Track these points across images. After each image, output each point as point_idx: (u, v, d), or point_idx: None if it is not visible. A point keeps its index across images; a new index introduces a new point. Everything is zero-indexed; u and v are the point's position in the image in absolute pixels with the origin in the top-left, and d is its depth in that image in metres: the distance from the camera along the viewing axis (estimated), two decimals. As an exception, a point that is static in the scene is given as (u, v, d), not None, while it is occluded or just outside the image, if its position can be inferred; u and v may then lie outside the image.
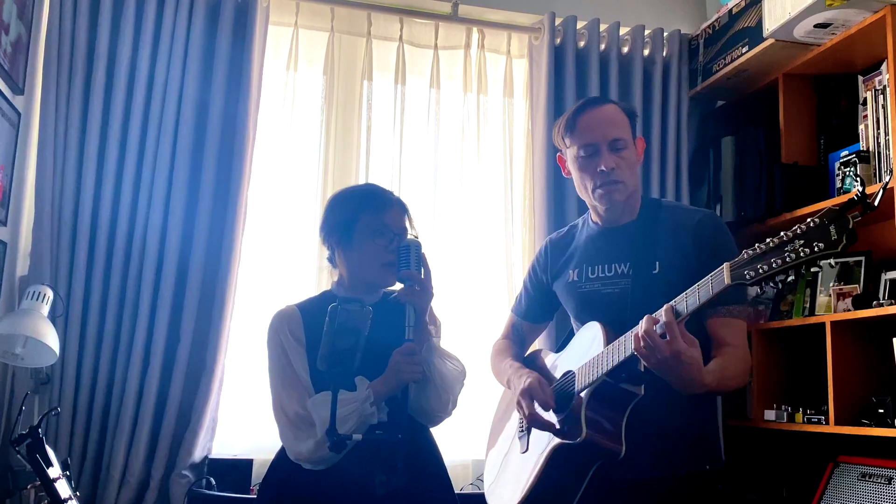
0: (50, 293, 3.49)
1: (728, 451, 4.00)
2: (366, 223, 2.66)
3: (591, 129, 2.72)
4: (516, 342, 3.15)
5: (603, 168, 2.68)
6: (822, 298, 3.92)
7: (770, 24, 3.89)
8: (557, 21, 4.53)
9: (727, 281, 2.15)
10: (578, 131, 2.74)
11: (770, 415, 3.96)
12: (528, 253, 4.38)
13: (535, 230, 4.35)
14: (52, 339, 3.37)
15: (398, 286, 2.66)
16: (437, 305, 2.76)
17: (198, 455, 3.85)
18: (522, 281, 3.19)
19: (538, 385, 2.71)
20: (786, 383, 4.12)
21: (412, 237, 2.68)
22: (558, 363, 2.86)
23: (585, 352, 2.65)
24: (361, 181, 4.28)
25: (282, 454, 2.65)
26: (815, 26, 3.75)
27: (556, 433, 2.63)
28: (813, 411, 3.82)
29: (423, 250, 2.64)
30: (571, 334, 2.91)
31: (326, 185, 4.28)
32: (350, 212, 2.70)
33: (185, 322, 3.89)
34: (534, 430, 2.76)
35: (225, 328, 3.91)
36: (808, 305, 4.00)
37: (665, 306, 2.31)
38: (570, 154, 2.79)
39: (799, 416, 3.85)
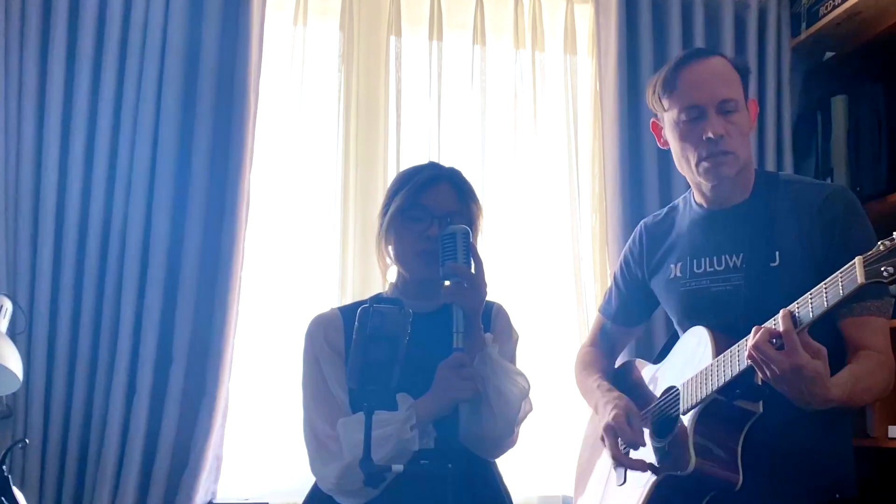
0: (8, 304, 3.42)
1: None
2: (399, 205, 2.73)
3: (696, 88, 2.71)
4: (605, 351, 3.21)
5: (710, 135, 2.66)
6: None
7: (891, -46, 3.91)
8: (629, -44, 4.63)
9: (860, 280, 2.13)
10: (680, 90, 2.73)
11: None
12: (598, 243, 4.36)
13: (606, 215, 4.31)
14: (13, 361, 3.28)
15: None
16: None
17: (199, 500, 3.83)
18: (613, 276, 3.25)
19: (625, 420, 2.75)
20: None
21: (460, 225, 2.66)
22: (658, 376, 2.90)
23: (691, 363, 2.67)
24: (391, 159, 4.24)
25: (315, 493, 2.68)
26: (949, -44, 3.80)
27: (656, 468, 2.65)
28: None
29: (473, 239, 2.66)
30: (673, 340, 2.93)
31: (348, 165, 4.21)
32: (390, 193, 2.80)
33: (178, 337, 3.83)
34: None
35: (227, 345, 3.85)
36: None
37: (782, 312, 2.31)
38: (668, 119, 2.79)
39: (933, 434, 3.89)
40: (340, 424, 2.52)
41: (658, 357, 2.98)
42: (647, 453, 2.73)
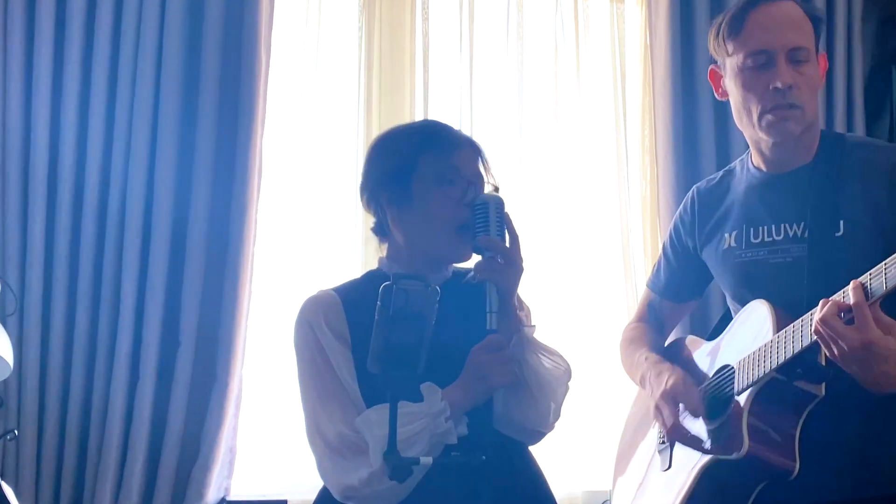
0: (-4, 284, 3.49)
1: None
2: (428, 168, 2.55)
3: (766, 31, 2.62)
4: (654, 326, 3.10)
5: (778, 84, 2.57)
6: None
7: None
8: None
9: None
10: (748, 32, 2.63)
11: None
12: (648, 212, 4.31)
13: (657, 181, 4.26)
14: (2, 345, 3.29)
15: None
16: (525, 288, 2.64)
17: (211, 497, 3.81)
18: (662, 247, 3.15)
19: (683, 386, 2.67)
20: None
21: (491, 192, 2.59)
22: (711, 355, 2.80)
23: (748, 340, 2.59)
24: (417, 115, 4.19)
25: (324, 495, 2.55)
26: None
27: (708, 450, 2.57)
28: None
29: (507, 209, 2.57)
30: (728, 317, 2.85)
31: (370, 126, 4.15)
32: (406, 155, 2.58)
33: (185, 319, 3.80)
34: (678, 443, 2.78)
35: (240, 326, 3.84)
36: None
37: (853, 284, 2.24)
38: (731, 65, 2.69)
39: None
40: (360, 421, 2.38)
41: (711, 334, 2.90)
42: (701, 430, 2.66)
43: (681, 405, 2.69)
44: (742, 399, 2.52)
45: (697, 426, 2.65)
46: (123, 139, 3.83)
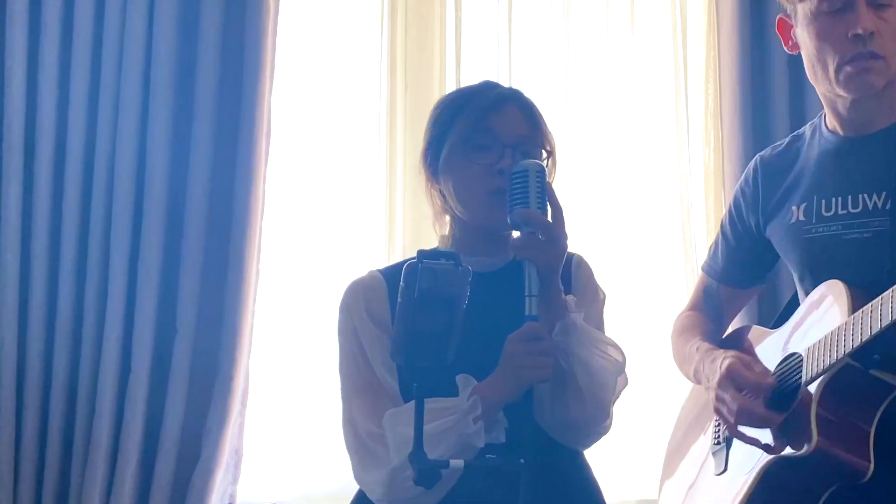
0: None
1: None
2: (460, 133, 2.58)
3: None
4: (711, 315, 3.09)
5: (858, 31, 2.57)
6: None
7: None
8: None
9: None
10: None
11: None
12: (712, 183, 4.24)
13: (723, 148, 4.22)
14: None
15: None
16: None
17: None
18: (720, 224, 3.13)
19: (742, 365, 2.66)
20: None
21: (532, 161, 2.54)
22: (776, 344, 2.79)
23: (818, 325, 2.59)
24: (449, 79, 4.20)
25: (360, 499, 2.61)
26: None
27: (771, 447, 2.57)
28: None
29: (550, 178, 2.58)
30: (795, 303, 2.85)
31: (394, 87, 4.18)
32: (444, 120, 2.65)
33: (183, 303, 3.82)
34: (735, 442, 2.73)
35: (245, 312, 3.85)
36: None
37: None
38: (802, 11, 2.69)
39: None
40: (388, 417, 2.45)
41: (776, 322, 2.92)
42: (759, 432, 2.64)
43: (741, 389, 2.65)
44: (810, 389, 2.51)
45: (763, 414, 2.60)
46: (110, 96, 3.84)
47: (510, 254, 2.60)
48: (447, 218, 2.69)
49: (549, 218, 2.48)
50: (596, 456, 2.74)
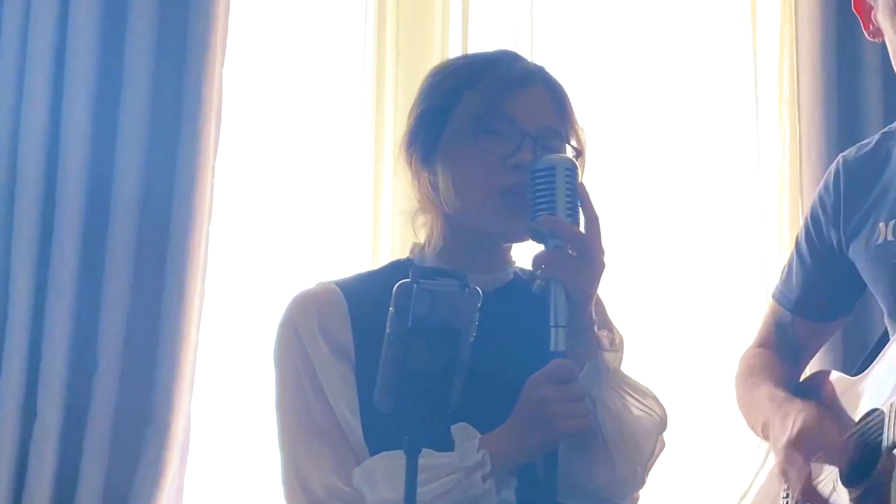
0: None
1: None
2: (470, 106, 2.53)
3: None
4: (784, 354, 3.08)
5: None
6: None
7: None
8: None
9: None
10: None
11: None
12: (787, 188, 4.24)
13: (800, 143, 4.23)
14: None
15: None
16: (605, 294, 2.59)
17: None
18: (795, 240, 3.12)
19: (819, 428, 2.66)
20: None
21: (560, 156, 2.51)
22: (858, 394, 2.81)
23: None
24: (452, 47, 4.20)
25: None
26: None
27: None
28: None
29: (582, 178, 2.51)
30: (883, 341, 2.87)
31: (382, 55, 4.17)
32: (449, 88, 2.60)
33: (106, 328, 3.72)
34: None
35: (187, 341, 3.77)
36: None
37: None
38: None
39: None
40: (360, 475, 2.37)
41: (861, 366, 2.88)
42: (842, 497, 2.64)
43: (816, 453, 2.65)
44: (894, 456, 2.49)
45: (838, 490, 2.66)
46: (11, 55, 3.79)
47: (510, 270, 2.64)
48: (430, 217, 2.63)
49: (582, 228, 2.45)
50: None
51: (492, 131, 2.50)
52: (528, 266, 2.56)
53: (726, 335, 4.17)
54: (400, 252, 3.78)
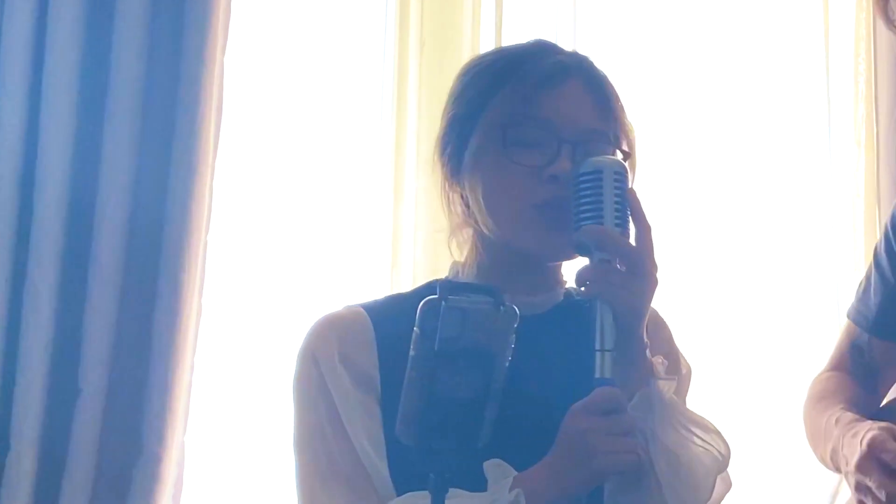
0: None
1: None
2: (498, 113, 2.50)
3: None
4: (859, 378, 3.12)
5: None
6: None
7: None
8: None
9: None
10: None
11: None
12: (863, 196, 4.25)
13: (878, 147, 4.22)
14: None
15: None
16: (662, 307, 2.57)
17: None
18: (872, 253, 3.13)
19: (889, 437, 2.65)
20: None
21: (607, 157, 2.47)
22: None
23: None
24: (484, 37, 4.14)
25: None
26: None
27: None
28: None
29: (632, 184, 2.47)
30: None
31: (406, 46, 4.14)
32: (476, 92, 2.57)
33: (90, 351, 3.63)
34: None
35: (181, 365, 3.70)
36: None
37: None
38: None
39: None
40: None
41: None
42: None
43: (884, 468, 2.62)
44: None
45: None
46: None
47: (560, 290, 2.61)
48: (469, 234, 2.60)
49: (633, 240, 2.43)
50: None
51: (523, 140, 2.49)
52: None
53: (795, 360, 4.12)
54: (424, 265, 3.78)
